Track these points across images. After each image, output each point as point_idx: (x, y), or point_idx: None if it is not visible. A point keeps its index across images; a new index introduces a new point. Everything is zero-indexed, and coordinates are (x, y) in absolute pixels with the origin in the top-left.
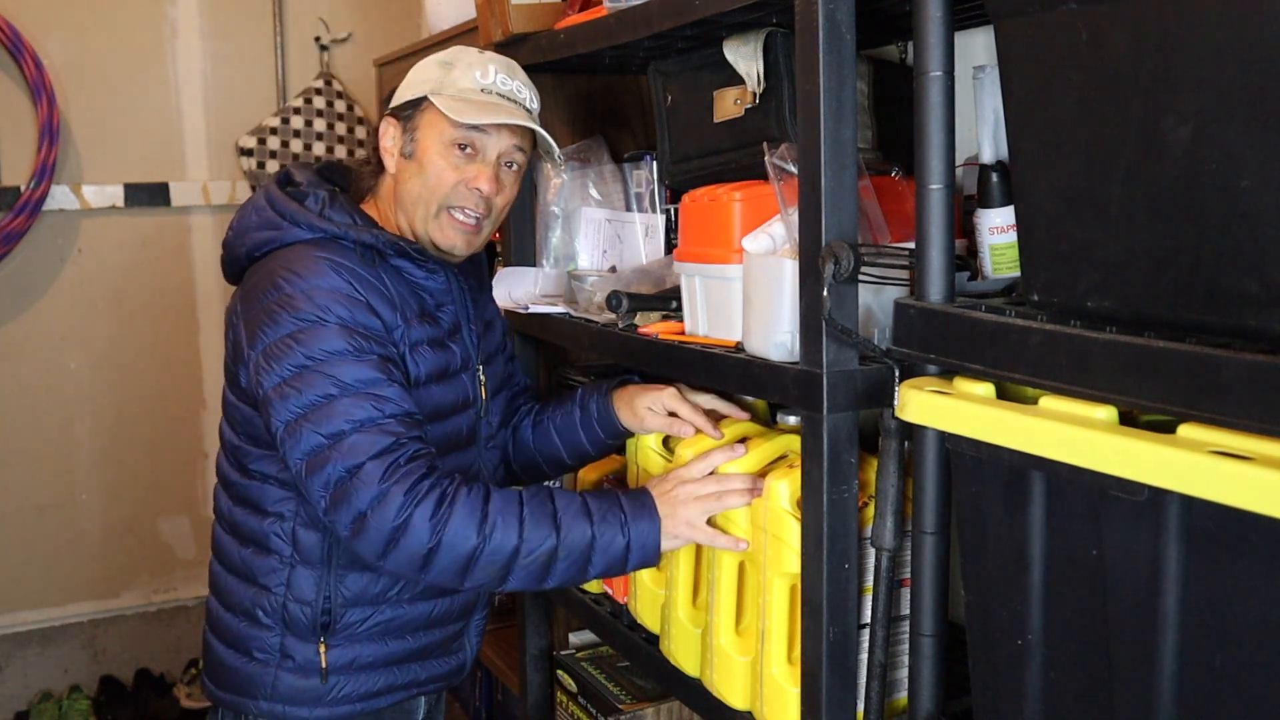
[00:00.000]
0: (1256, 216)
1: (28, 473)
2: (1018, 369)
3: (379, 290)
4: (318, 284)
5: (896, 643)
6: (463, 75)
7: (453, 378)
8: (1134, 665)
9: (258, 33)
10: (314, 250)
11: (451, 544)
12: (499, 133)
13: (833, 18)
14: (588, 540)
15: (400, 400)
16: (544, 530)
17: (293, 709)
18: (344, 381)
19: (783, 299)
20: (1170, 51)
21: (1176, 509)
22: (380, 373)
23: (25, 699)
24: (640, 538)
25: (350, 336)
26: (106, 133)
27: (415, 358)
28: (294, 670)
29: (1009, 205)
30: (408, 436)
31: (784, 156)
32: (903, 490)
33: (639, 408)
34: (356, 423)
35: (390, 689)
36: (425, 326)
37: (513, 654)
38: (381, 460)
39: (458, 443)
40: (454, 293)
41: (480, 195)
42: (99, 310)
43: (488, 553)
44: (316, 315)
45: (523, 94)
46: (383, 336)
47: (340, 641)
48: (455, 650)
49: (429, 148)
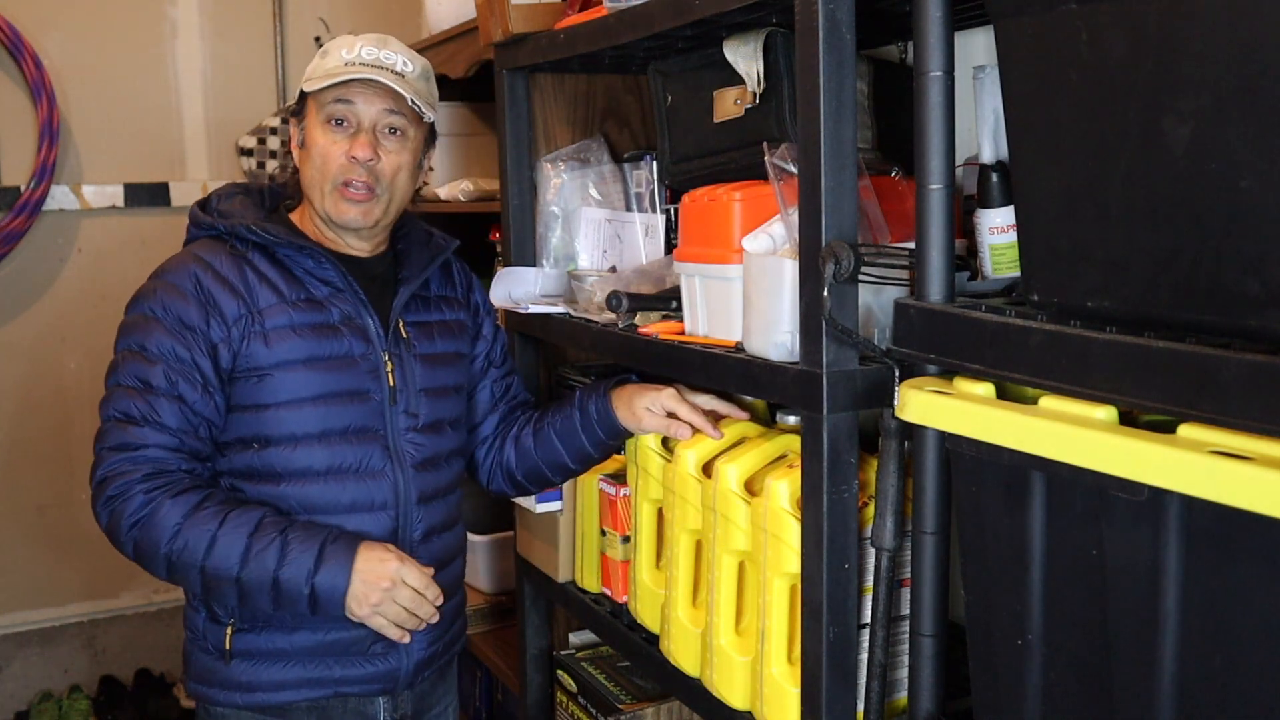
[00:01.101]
0: (1256, 216)
1: (28, 473)
2: (1018, 369)
3: (227, 283)
4: (160, 280)
5: (896, 643)
6: (332, 58)
7: (338, 367)
8: (1134, 665)
9: (258, 33)
10: (193, 247)
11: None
12: (367, 101)
13: (833, 18)
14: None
15: (162, 410)
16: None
17: (208, 690)
18: (125, 375)
19: (783, 299)
20: (1170, 51)
21: (1176, 509)
22: (161, 380)
23: (25, 699)
24: (326, 584)
25: (151, 338)
26: (106, 133)
27: (275, 341)
28: (207, 651)
29: (1009, 205)
30: (152, 444)
31: (784, 156)
32: (903, 490)
33: (637, 408)
34: (117, 415)
35: (303, 683)
36: (303, 313)
37: (513, 654)
38: (115, 452)
39: (345, 433)
40: (348, 285)
41: (359, 163)
42: (99, 310)
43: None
44: (139, 311)
45: (390, 60)
46: (197, 330)
47: (246, 626)
48: (383, 653)
49: (311, 131)
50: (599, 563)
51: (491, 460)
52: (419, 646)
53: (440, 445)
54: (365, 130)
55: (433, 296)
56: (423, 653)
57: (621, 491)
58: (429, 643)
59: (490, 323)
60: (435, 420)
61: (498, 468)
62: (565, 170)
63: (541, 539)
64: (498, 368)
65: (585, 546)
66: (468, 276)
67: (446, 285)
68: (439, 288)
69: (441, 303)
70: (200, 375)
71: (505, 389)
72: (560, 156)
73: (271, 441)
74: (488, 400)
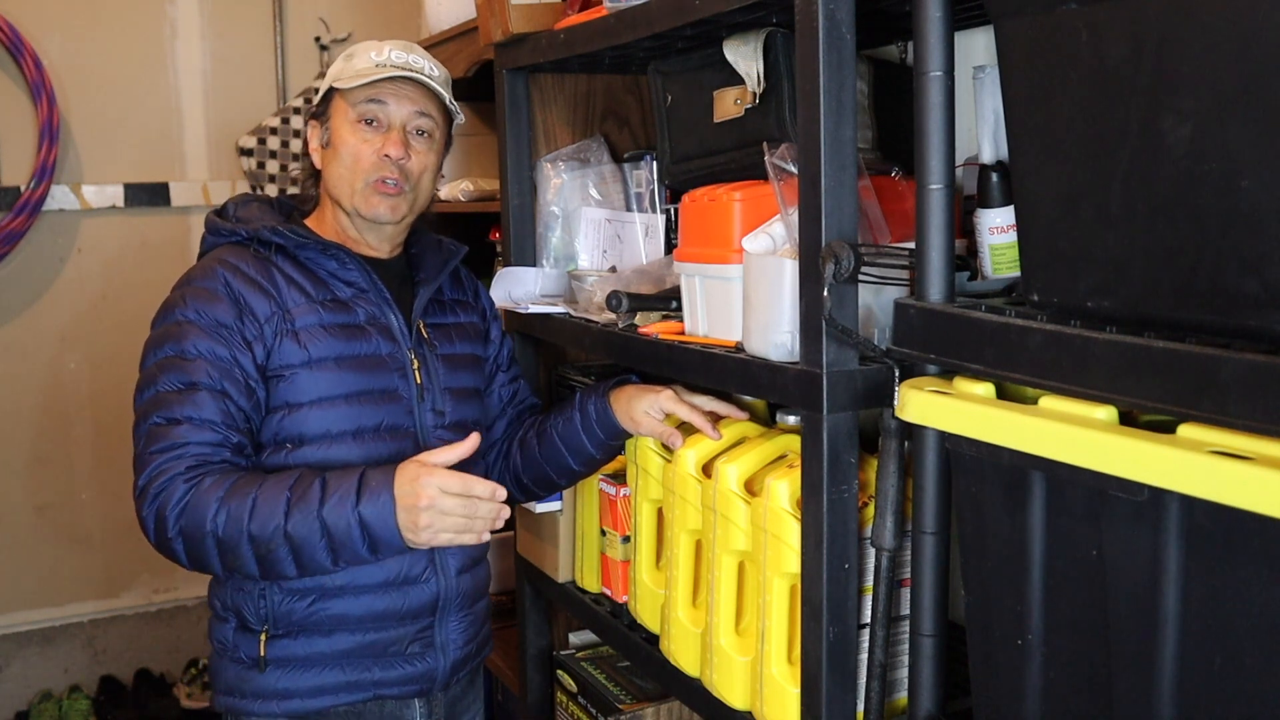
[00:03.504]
0: (1256, 216)
1: (28, 473)
2: (1018, 369)
3: (257, 284)
4: (188, 287)
5: (896, 643)
6: (360, 60)
7: (368, 366)
8: (1134, 665)
9: (258, 33)
10: (216, 253)
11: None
12: (398, 101)
13: (833, 18)
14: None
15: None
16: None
17: (239, 701)
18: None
19: (783, 299)
20: (1170, 51)
21: (1176, 509)
22: (202, 377)
23: (25, 699)
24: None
25: (187, 340)
26: (106, 133)
27: (306, 340)
28: (239, 661)
29: (1009, 205)
30: (194, 440)
31: (784, 156)
32: (903, 490)
33: (635, 411)
34: (158, 421)
35: (342, 687)
36: (331, 313)
37: (513, 654)
38: (159, 455)
39: (377, 431)
40: (372, 284)
41: (392, 161)
42: (99, 310)
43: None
44: (171, 320)
45: (419, 64)
46: (232, 327)
47: (281, 632)
48: (422, 653)
49: (340, 130)
50: (599, 563)
51: (500, 465)
52: (455, 645)
53: None
54: (396, 129)
55: (447, 300)
56: (459, 652)
57: (621, 491)
58: (464, 641)
59: (497, 327)
60: (461, 419)
61: (505, 472)
62: (565, 170)
63: (542, 539)
64: (504, 372)
65: (585, 546)
66: (474, 282)
67: (457, 289)
68: (451, 291)
69: (456, 306)
70: (241, 370)
71: (512, 394)
72: (560, 156)
73: (306, 440)
74: (496, 404)
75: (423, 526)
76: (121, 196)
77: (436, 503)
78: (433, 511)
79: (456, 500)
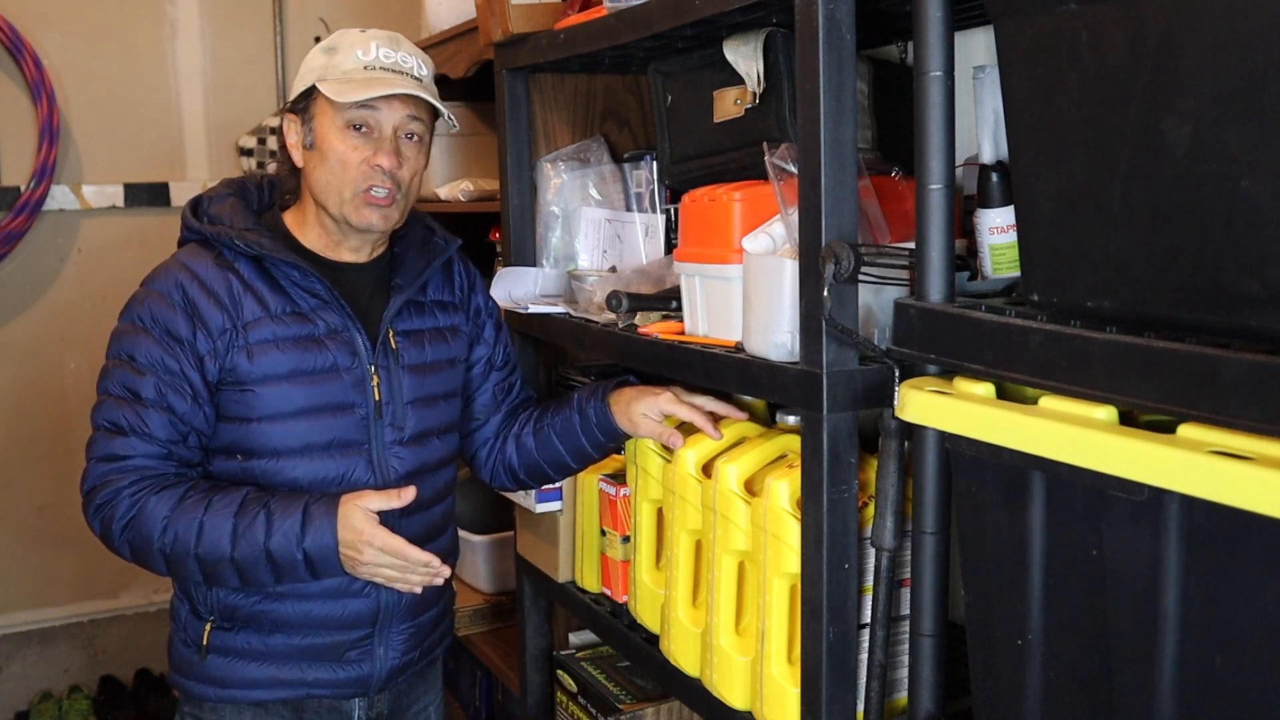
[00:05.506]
0: (1256, 216)
1: (28, 473)
2: (1018, 369)
3: (214, 295)
4: (148, 288)
5: (896, 643)
6: (345, 57)
7: (321, 380)
8: (1134, 665)
9: (258, 33)
10: (183, 251)
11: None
12: (390, 107)
13: (833, 18)
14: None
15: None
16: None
17: (185, 680)
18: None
19: (783, 299)
20: (1170, 51)
21: (1176, 509)
22: (150, 391)
23: (25, 699)
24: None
25: (140, 348)
26: (106, 133)
27: (259, 355)
28: (186, 643)
29: (1009, 205)
30: (139, 454)
31: (784, 156)
32: (903, 490)
33: (634, 414)
34: (106, 425)
35: (275, 683)
36: (288, 326)
37: (513, 654)
38: (103, 463)
39: (328, 448)
40: (334, 298)
41: (384, 171)
42: (99, 310)
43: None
44: (129, 320)
45: (408, 63)
46: (185, 341)
47: (225, 625)
48: (357, 660)
49: (326, 135)
50: (599, 563)
51: (494, 460)
52: (395, 654)
53: (427, 456)
54: (388, 137)
55: (428, 302)
56: (397, 660)
57: (621, 491)
58: (405, 650)
59: (492, 325)
60: (422, 431)
61: (499, 465)
62: (565, 170)
63: (541, 539)
64: (499, 370)
65: (585, 546)
66: (470, 277)
67: (445, 289)
68: (436, 292)
69: (436, 308)
70: (189, 386)
71: (507, 390)
72: (560, 156)
73: (254, 454)
74: (490, 403)
75: (364, 562)
76: (121, 196)
77: (374, 559)
78: (371, 565)
79: (394, 560)
